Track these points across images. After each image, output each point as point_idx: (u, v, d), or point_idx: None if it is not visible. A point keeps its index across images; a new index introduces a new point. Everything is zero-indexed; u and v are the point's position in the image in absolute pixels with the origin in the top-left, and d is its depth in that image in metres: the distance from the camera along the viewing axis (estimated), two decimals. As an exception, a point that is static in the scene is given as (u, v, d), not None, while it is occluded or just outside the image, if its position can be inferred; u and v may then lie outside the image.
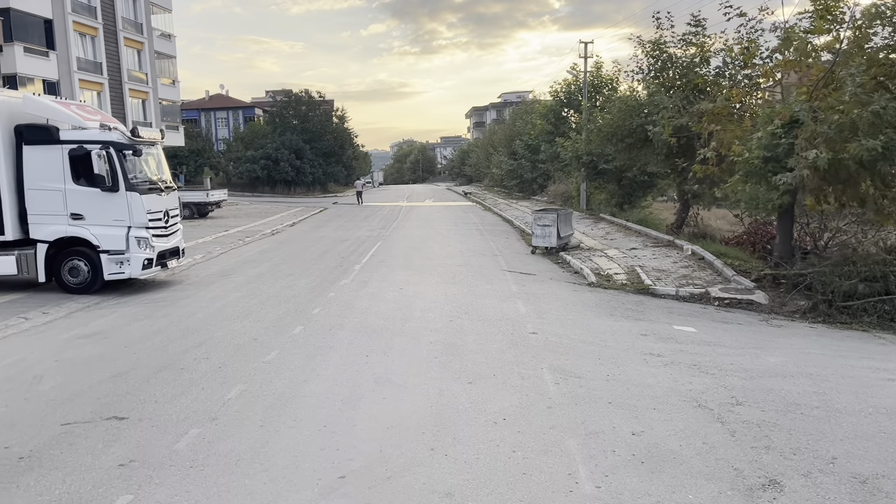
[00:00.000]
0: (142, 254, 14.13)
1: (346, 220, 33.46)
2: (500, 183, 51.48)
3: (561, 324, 11.21)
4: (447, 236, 24.94)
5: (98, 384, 8.28)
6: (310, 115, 68.35)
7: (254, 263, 18.52)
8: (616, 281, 14.87)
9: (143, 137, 14.71)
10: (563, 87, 33.01)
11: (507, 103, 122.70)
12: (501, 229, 27.64)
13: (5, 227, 13.84)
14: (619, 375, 8.47)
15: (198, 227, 29.31)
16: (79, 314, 12.48)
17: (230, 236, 25.23)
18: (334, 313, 12.09)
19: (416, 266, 17.58)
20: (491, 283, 14.89)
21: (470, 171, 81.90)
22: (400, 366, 8.92)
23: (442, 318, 11.59)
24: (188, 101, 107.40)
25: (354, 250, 20.98)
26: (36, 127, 13.91)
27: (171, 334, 10.73)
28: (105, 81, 38.90)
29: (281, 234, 27.14)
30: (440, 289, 14.35)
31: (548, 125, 33.80)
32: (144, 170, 14.93)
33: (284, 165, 63.17)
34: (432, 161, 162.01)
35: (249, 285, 15.07)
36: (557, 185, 38.88)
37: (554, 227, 18.95)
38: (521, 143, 43.44)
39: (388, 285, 14.82)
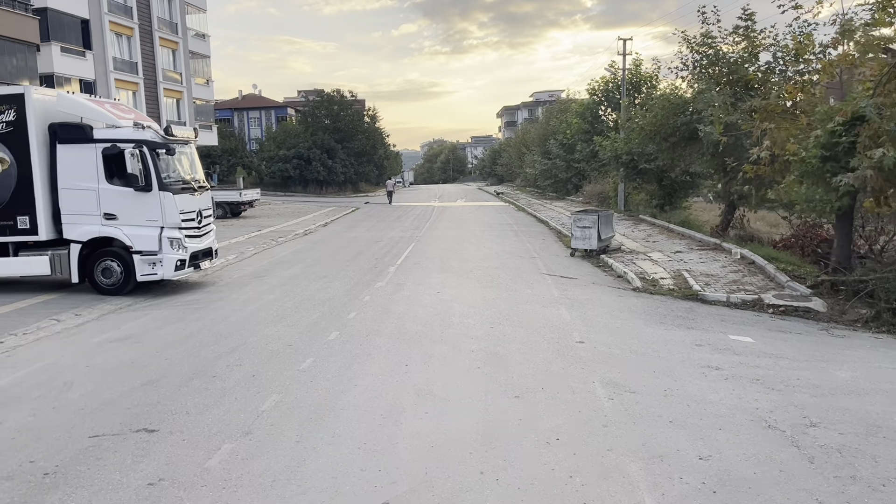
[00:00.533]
0: (174, 255, 13.87)
1: (378, 221, 33.14)
2: (534, 183, 50.79)
3: (609, 332, 10.63)
4: (482, 237, 24.43)
5: (128, 392, 7.95)
6: (341, 114, 68.35)
7: (287, 264, 18.22)
8: (662, 286, 14.23)
9: (177, 136, 14.46)
10: (601, 84, 32.28)
11: (538, 102, 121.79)
12: (537, 230, 27.04)
13: (39, 226, 13.69)
14: (678, 390, 7.89)
15: (231, 226, 29.22)
16: (111, 316, 12.24)
17: (263, 236, 25.03)
18: (370, 318, 11.67)
19: (453, 268, 17.11)
20: (531, 288, 14.35)
21: (501, 170, 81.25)
22: (441, 376, 8.45)
23: (482, 325, 11.09)
24: (222, 101, 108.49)
25: (388, 251, 20.58)
26: (70, 125, 13.73)
27: (203, 339, 10.40)
28: (140, 81, 39.14)
29: (314, 234, 26.88)
30: (478, 293, 13.86)
31: (584, 124, 33.06)
32: (178, 169, 14.69)
33: (316, 165, 63.25)
34: (463, 161, 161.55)
35: (283, 287, 14.74)
36: (593, 185, 38.10)
37: (594, 229, 18.33)
38: (556, 143, 42.72)
39: (424, 289, 14.37)
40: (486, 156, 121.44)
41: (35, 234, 13.73)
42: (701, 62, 19.14)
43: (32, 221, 13.66)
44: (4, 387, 8.29)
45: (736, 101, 17.18)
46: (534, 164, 46.52)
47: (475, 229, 27.78)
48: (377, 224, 31.12)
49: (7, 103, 13.42)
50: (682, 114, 19.37)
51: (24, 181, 13.56)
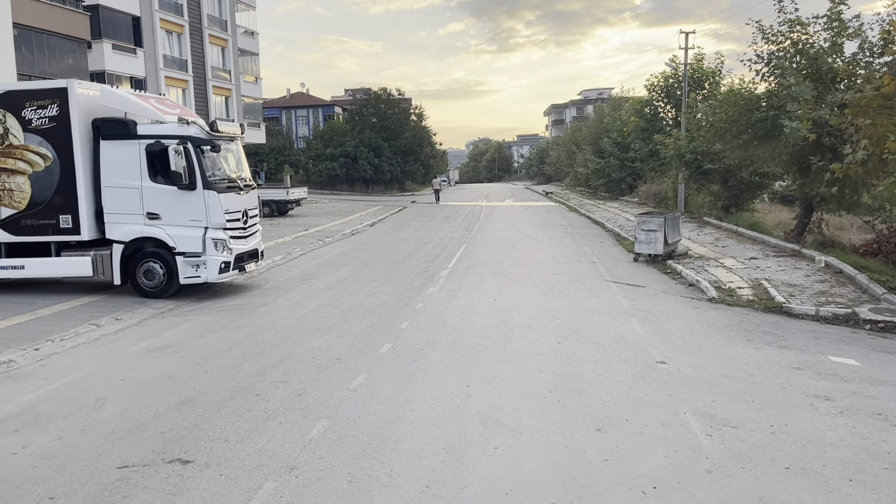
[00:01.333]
0: (219, 257, 13.22)
1: (426, 220, 32.32)
2: (585, 182, 49.36)
3: (692, 351, 9.51)
4: (536, 239, 23.36)
5: (164, 412, 7.20)
6: (388, 113, 67.91)
7: (334, 266, 17.48)
8: (741, 297, 12.99)
9: (223, 132, 13.82)
10: (660, 80, 30.81)
11: (587, 101, 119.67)
12: (593, 232, 25.83)
13: (81, 226, 13.18)
14: (787, 427, 6.78)
15: (278, 225, 28.75)
16: (151, 322, 11.61)
17: (310, 236, 24.42)
18: (424, 328, 10.77)
19: (508, 273, 16.12)
20: (596, 297, 13.27)
21: (550, 169, 79.79)
22: (508, 401, 7.49)
23: (547, 340, 10.09)
24: (270, 100, 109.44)
25: (439, 254, 19.69)
26: (113, 121, 13.19)
27: (246, 350, 9.65)
28: (190, 79, 39.12)
29: (361, 234, 26.19)
30: (539, 301, 12.84)
31: (642, 121, 31.64)
32: (223, 167, 14.05)
33: (363, 164, 62.89)
34: (508, 160, 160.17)
35: (331, 292, 13.97)
36: (649, 185, 36.59)
37: (660, 233, 17.12)
38: (610, 140, 41.26)
39: (480, 296, 13.42)
40: (532, 154, 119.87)
41: (77, 234, 13.23)
42: (779, 54, 17.71)
43: (75, 220, 13.16)
44: (34, 402, 7.64)
45: (821, 95, 15.76)
46: (585, 163, 45.10)
47: (527, 231, 26.71)
48: (425, 224, 30.30)
49: (50, 97, 12.94)
50: (756, 109, 17.99)
51: (67, 179, 13.06)
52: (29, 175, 13.11)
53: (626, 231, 24.15)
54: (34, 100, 12.97)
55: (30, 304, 12.58)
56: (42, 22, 24.54)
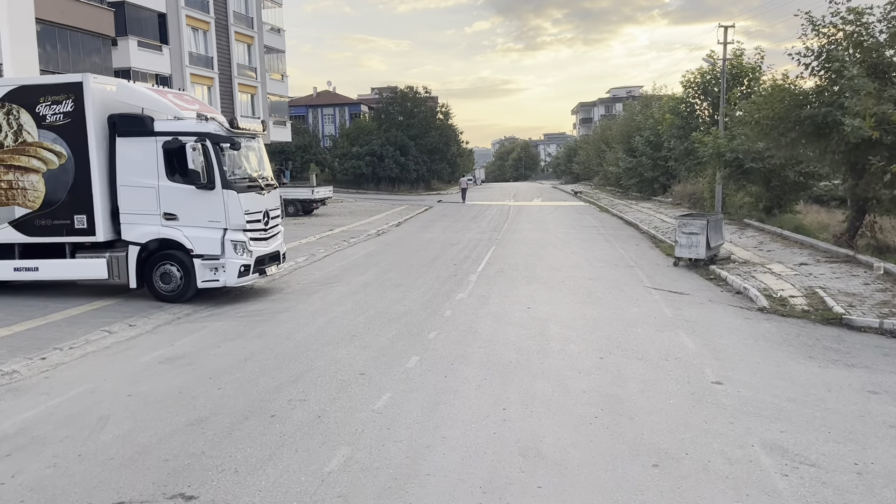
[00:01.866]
0: (238, 259, 12.59)
1: (453, 221, 31.57)
2: (617, 182, 48.19)
3: (750, 369, 8.63)
4: (568, 241, 22.48)
5: (170, 435, 6.54)
6: (415, 111, 67.27)
7: (359, 269, 16.80)
8: (794, 306, 12.03)
9: (243, 129, 13.19)
10: (696, 76, 29.65)
11: (615, 99, 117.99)
12: (627, 234, 24.86)
13: (97, 226, 12.64)
14: (874, 465, 5.90)
15: (302, 225, 28.21)
16: (166, 328, 11.01)
17: (334, 236, 23.81)
18: (454, 339, 10.02)
19: (541, 278, 15.29)
20: (637, 305, 12.40)
21: (578, 168, 78.57)
22: (550, 428, 6.70)
23: (589, 354, 9.27)
24: (297, 98, 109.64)
25: (467, 256, 18.92)
26: (130, 117, 12.63)
27: (263, 362, 8.98)
28: (215, 76, 38.81)
29: (386, 234, 25.51)
30: (576, 310, 12.01)
31: (678, 119, 30.52)
32: (243, 165, 13.44)
33: (389, 162, 62.34)
34: (535, 158, 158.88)
35: (355, 297, 13.27)
36: (684, 184, 35.44)
37: (702, 236, 16.16)
38: (642, 139, 40.11)
39: (512, 303, 12.63)
40: (560, 153, 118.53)
41: (92, 235, 12.69)
42: (829, 47, 16.63)
43: (90, 221, 12.62)
44: (32, 421, 7.03)
45: (880, 90, 14.68)
46: (617, 162, 43.98)
47: (558, 232, 25.82)
48: (452, 224, 29.54)
49: (64, 92, 12.42)
50: (807, 105, 16.92)
51: (82, 177, 12.53)
52: (43, 173, 12.61)
53: (663, 233, 23.18)
54: (48, 95, 12.46)
55: (43, 307, 12.07)
56: (66, 18, 24.24)
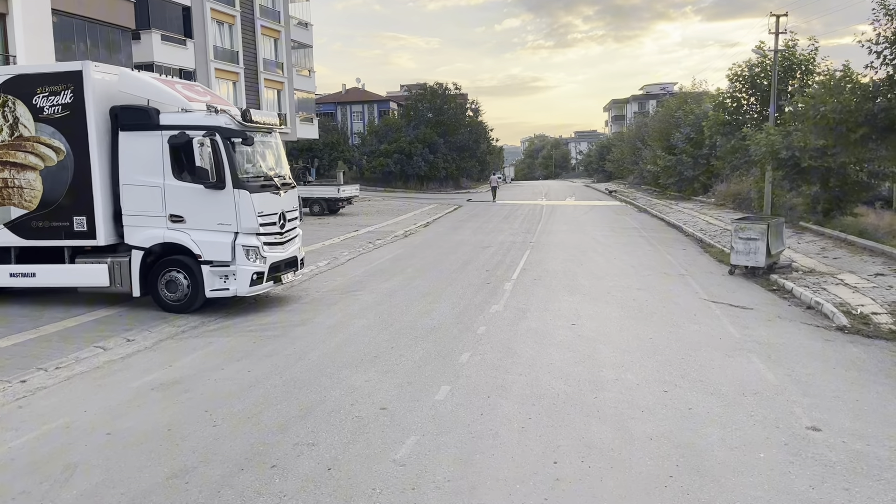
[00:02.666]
0: (250, 267, 11.40)
1: (483, 221, 30.20)
2: (654, 181, 46.30)
3: (850, 410, 7.14)
4: (608, 245, 20.98)
5: (145, 494, 5.33)
6: (444, 107, 66.02)
7: (384, 275, 15.55)
8: (880, 326, 10.47)
9: (257, 122, 12.00)
10: (745, 69, 27.81)
11: (649, 95, 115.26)
12: (671, 237, 23.26)
13: (97, 229, 11.56)
14: None
15: (326, 225, 27.09)
16: (167, 344, 9.85)
17: (359, 238, 22.61)
18: (490, 363, 8.69)
19: (584, 288, 13.88)
20: (697, 322, 10.94)
21: (611, 167, 76.51)
22: (615, 495, 5.35)
23: (650, 385, 7.87)
24: (325, 95, 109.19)
25: (500, 261, 17.56)
26: (133, 109, 11.50)
27: (270, 390, 7.75)
28: (241, 71, 37.90)
29: (414, 236, 24.24)
30: (628, 327, 10.60)
31: (724, 115, 28.72)
32: (258, 162, 12.27)
33: (417, 160, 61.17)
34: (566, 156, 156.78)
35: (378, 308, 12.01)
36: (727, 184, 33.62)
37: (762, 242, 14.60)
38: (682, 136, 38.26)
39: (553, 318, 11.26)
40: (592, 151, 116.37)
41: (93, 238, 11.60)
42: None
43: (90, 223, 11.54)
44: (-13, 467, 5.86)
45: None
46: (655, 160, 42.16)
47: (596, 234, 24.31)
48: (483, 225, 28.18)
49: (63, 82, 11.33)
50: (876, 98, 15.27)
51: (82, 175, 11.45)
52: (40, 171, 11.55)
53: (711, 236, 21.56)
54: (46, 85, 11.39)
55: (37, 318, 11.02)
56: (84, 8, 23.37)
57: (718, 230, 23.06)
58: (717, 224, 24.97)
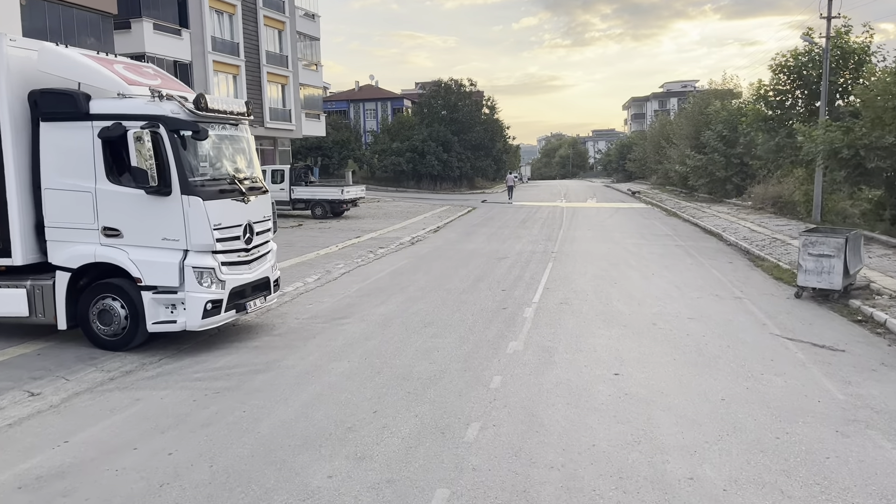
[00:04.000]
0: (203, 294, 9.01)
1: (499, 226, 27.68)
2: (682, 182, 43.49)
3: None
4: (642, 257, 18.39)
5: None
6: (459, 105, 63.45)
7: (381, 295, 13.10)
8: None
9: (216, 111, 9.57)
10: (790, 58, 24.95)
11: (669, 93, 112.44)
12: (711, 247, 20.60)
13: (13, 245, 9.21)
14: None
15: (327, 230, 24.70)
16: (79, 402, 7.45)
17: (360, 246, 20.18)
18: (507, 445, 6.21)
19: (622, 315, 11.35)
20: (777, 371, 8.37)
21: (633, 166, 73.66)
22: None
23: (744, 493, 5.34)
24: (338, 93, 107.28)
25: (519, 277, 15.06)
26: (56, 93, 9.11)
27: (187, 493, 5.32)
28: (241, 64, 35.67)
29: (422, 243, 21.78)
30: (689, 380, 8.06)
31: (766, 109, 25.90)
32: (218, 161, 9.90)
33: (431, 159, 58.71)
34: (583, 155, 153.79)
35: (367, 345, 9.56)
36: (766, 185, 30.84)
37: (838, 260, 12.01)
38: (714, 134, 35.45)
39: (589, 362, 8.75)
40: (612, 150, 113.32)
41: (7, 257, 9.25)
42: None
43: (3, 237, 9.20)
44: None
45: None
46: (683, 160, 39.36)
47: (627, 243, 21.70)
48: (499, 231, 25.66)
49: (-33, 60, 8.97)
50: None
51: (-7, 177, 9.10)
52: (-57, 172, 9.20)
53: (759, 247, 18.89)
54: (-54, 64, 9.03)
55: (-70, 358, 8.68)
56: (58, -9, 21.16)
57: (765, 239, 20.38)
58: (762, 232, 22.28)
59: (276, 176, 29.99)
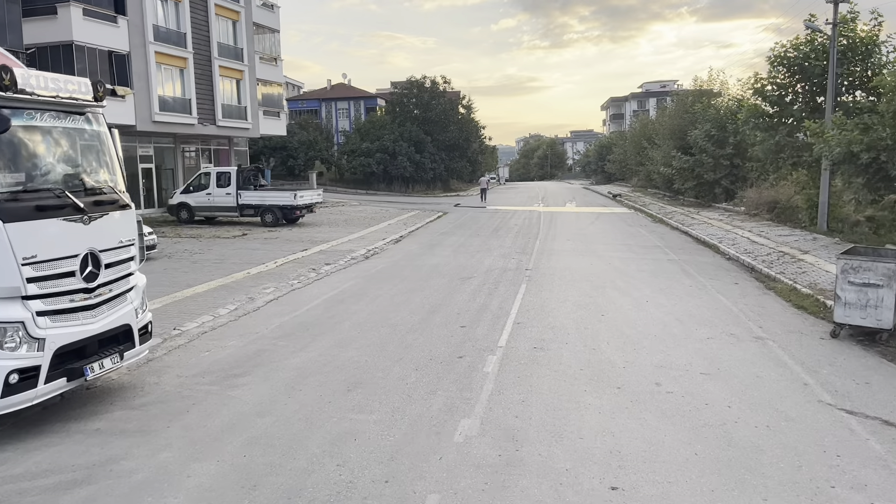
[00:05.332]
0: (2, 361, 6.08)
1: (469, 235, 24.88)
2: (667, 184, 41.00)
3: None
4: (631, 276, 15.68)
5: None
6: (432, 103, 60.59)
7: (304, 336, 10.22)
8: None
9: (31, 94, 6.62)
10: (791, 48, 22.33)
11: (648, 93, 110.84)
12: (708, 262, 17.95)
13: None
14: None
15: (272, 241, 21.72)
16: None
17: (303, 262, 17.26)
18: None
19: (615, 371, 8.56)
20: (856, 485, 5.63)
21: (613, 168, 71.26)
22: None
23: None
24: (309, 92, 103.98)
25: (484, 306, 12.26)
26: None
27: None
28: (189, 56, 32.49)
29: (378, 257, 18.91)
30: (721, 495, 5.30)
31: (764, 105, 23.20)
32: (47, 165, 6.94)
33: (402, 160, 55.81)
34: (562, 156, 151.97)
35: (256, 427, 6.69)
36: (759, 189, 28.38)
37: (890, 291, 9.37)
38: (702, 133, 32.95)
39: (572, 460, 5.96)
40: (590, 151, 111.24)
41: None
42: None
43: None
44: None
45: None
46: (669, 161, 36.85)
47: (612, 256, 19.00)
48: (468, 241, 22.86)
49: None
50: None
51: None
52: None
53: (765, 263, 16.28)
54: None
55: None
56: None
57: (771, 253, 17.77)
58: (764, 244, 19.69)
59: (222, 179, 26.95)
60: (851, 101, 21.27)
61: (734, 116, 32.20)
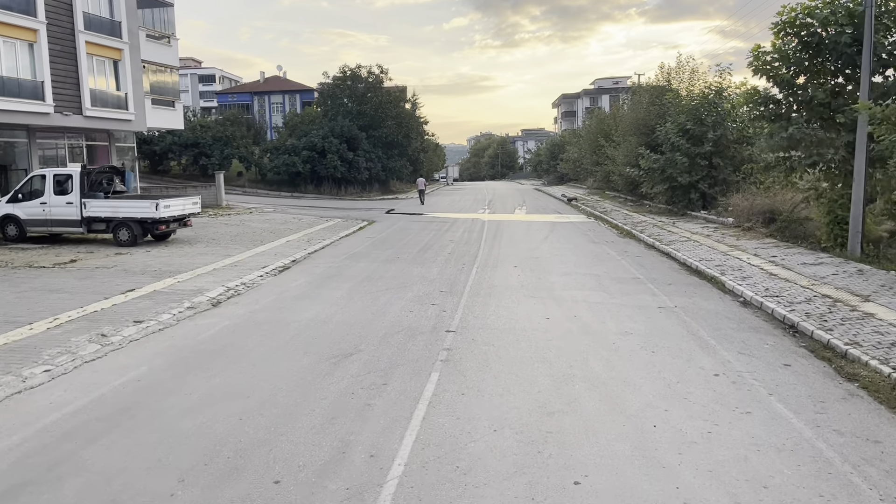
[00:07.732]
0: None
1: (386, 259, 18.82)
2: (631, 188, 35.67)
3: None
4: (611, 345, 9.90)
5: None
6: (368, 96, 54.40)
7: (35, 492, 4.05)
8: None
9: None
10: (805, 14, 16.93)
11: (601, 90, 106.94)
12: (718, 310, 12.19)
13: None
14: None
15: (105, 270, 15.32)
16: None
17: (104, 318, 10.98)
18: None
19: None
20: None
21: (566, 167, 66.14)
22: None
23: None
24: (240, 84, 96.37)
25: (345, 443, 6.26)
26: None
27: None
28: (41, 27, 25.59)
29: (232, 303, 12.73)
30: None
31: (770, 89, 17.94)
32: None
33: (332, 158, 49.44)
34: (513, 155, 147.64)
35: None
36: (748, 195, 23.12)
37: None
38: (675, 127, 27.58)
39: None
40: (542, 150, 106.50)
41: None
42: None
43: None
44: None
45: None
46: (634, 161, 31.47)
47: (576, 297, 13.18)
48: (381, 269, 16.83)
49: None
50: None
51: None
52: None
53: (816, 320, 10.61)
54: None
55: None
56: None
57: (812, 299, 12.10)
58: (788, 277, 14.15)
59: (61, 184, 20.35)
60: (884, 82, 16.01)
61: (712, 108, 26.99)
